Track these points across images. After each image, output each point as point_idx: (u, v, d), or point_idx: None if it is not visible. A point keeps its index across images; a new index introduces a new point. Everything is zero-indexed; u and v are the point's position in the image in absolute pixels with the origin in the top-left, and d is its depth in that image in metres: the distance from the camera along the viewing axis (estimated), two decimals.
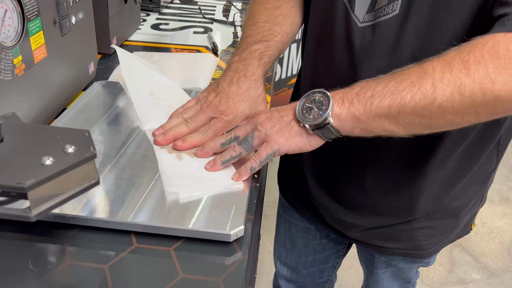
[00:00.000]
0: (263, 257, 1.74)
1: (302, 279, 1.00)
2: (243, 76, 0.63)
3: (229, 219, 0.49)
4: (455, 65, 0.46)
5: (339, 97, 0.52)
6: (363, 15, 0.58)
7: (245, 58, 0.65)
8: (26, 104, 0.59)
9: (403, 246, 0.75)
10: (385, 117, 0.49)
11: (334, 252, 0.95)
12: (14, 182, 0.33)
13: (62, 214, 0.47)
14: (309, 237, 0.92)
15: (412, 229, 0.72)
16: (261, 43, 0.67)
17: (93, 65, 0.80)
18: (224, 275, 0.44)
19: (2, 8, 0.52)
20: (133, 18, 1.08)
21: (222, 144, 0.58)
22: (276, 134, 0.54)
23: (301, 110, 0.54)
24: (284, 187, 0.91)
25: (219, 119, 0.61)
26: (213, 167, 0.56)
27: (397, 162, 0.66)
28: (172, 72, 0.86)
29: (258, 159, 0.54)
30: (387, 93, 0.48)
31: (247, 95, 0.62)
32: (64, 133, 0.40)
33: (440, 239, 0.75)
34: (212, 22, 1.25)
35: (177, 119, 0.62)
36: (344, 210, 0.74)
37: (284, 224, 0.95)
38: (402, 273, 0.87)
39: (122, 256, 0.45)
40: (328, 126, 0.51)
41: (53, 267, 0.43)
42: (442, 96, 0.46)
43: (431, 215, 0.71)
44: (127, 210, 0.48)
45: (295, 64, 2.57)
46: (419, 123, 0.48)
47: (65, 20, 0.66)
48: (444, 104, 0.46)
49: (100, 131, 0.63)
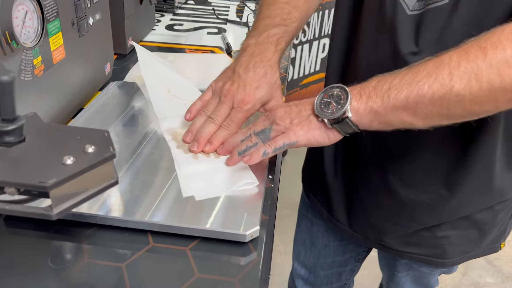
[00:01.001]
0: (275, 257, 1.74)
1: (319, 280, 0.99)
2: (260, 61, 0.62)
3: (244, 219, 0.49)
4: (472, 52, 0.46)
5: (356, 91, 0.52)
6: (413, 3, 0.57)
7: (262, 42, 0.64)
8: (45, 104, 0.60)
9: (425, 252, 0.74)
10: (403, 109, 0.49)
11: (354, 255, 0.94)
12: (36, 181, 0.34)
13: (80, 212, 0.48)
14: (330, 237, 0.91)
15: (435, 237, 0.71)
16: (279, 27, 0.65)
17: (109, 65, 0.81)
18: (240, 275, 0.44)
19: (23, 9, 0.53)
20: (148, 19, 1.09)
21: (241, 140, 0.58)
22: (296, 127, 0.54)
23: (319, 104, 0.54)
24: (307, 186, 0.90)
25: (238, 109, 0.61)
26: (231, 161, 0.57)
27: (425, 167, 0.65)
28: (186, 73, 0.86)
29: (274, 145, 0.54)
30: (404, 85, 0.49)
31: (264, 81, 0.62)
32: (84, 133, 0.40)
33: (463, 250, 0.74)
34: (226, 22, 1.25)
35: (201, 118, 0.62)
36: (364, 213, 0.73)
37: (305, 223, 0.95)
38: (424, 278, 0.86)
39: (139, 255, 0.46)
40: (346, 120, 0.51)
41: (71, 265, 0.44)
42: (459, 84, 0.46)
43: (455, 223, 0.70)
44: (144, 209, 0.49)
45: (307, 64, 2.56)
46: (437, 113, 0.48)
47: (83, 21, 0.67)
48: (462, 92, 0.46)
49: (116, 131, 0.63)
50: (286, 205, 1.99)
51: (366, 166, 0.70)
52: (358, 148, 0.70)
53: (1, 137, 0.36)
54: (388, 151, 0.67)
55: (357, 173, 0.72)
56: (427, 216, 0.69)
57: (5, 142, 0.37)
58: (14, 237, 0.47)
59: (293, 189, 2.09)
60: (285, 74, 0.95)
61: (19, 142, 0.37)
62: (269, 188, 0.57)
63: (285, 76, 0.94)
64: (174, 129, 0.65)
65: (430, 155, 0.64)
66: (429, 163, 0.65)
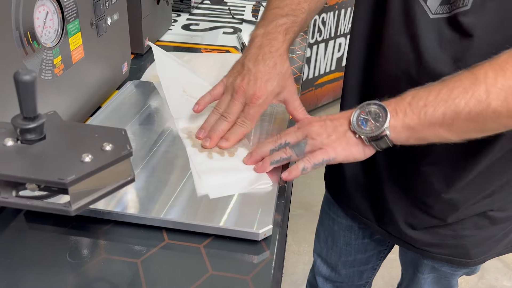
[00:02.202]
0: (288, 256, 1.74)
1: (341, 279, 0.99)
2: (268, 53, 0.62)
3: (257, 218, 0.49)
4: (508, 69, 0.46)
5: (392, 108, 0.52)
6: (435, 6, 0.57)
7: (270, 32, 0.63)
8: (64, 103, 0.61)
9: (448, 252, 0.73)
10: (439, 125, 0.49)
11: (376, 253, 0.94)
12: (56, 178, 0.35)
13: (97, 209, 0.49)
14: (351, 236, 0.91)
15: (457, 236, 0.71)
16: (288, 17, 0.65)
17: (127, 65, 0.83)
18: (253, 273, 0.45)
19: (44, 10, 0.54)
20: (164, 18, 1.10)
21: (271, 150, 0.58)
22: (334, 143, 0.54)
23: (356, 121, 0.54)
24: (330, 183, 0.90)
25: (251, 105, 0.61)
26: (261, 167, 0.57)
27: (449, 162, 0.65)
28: (202, 72, 0.87)
29: (313, 161, 0.54)
30: (440, 102, 0.49)
31: (275, 73, 0.61)
32: (102, 131, 0.41)
33: (485, 249, 0.73)
34: (242, 22, 1.26)
35: (215, 116, 0.63)
36: (390, 209, 0.73)
37: (328, 221, 0.95)
38: (445, 280, 0.85)
39: (154, 251, 0.47)
40: (384, 138, 0.52)
41: (88, 260, 0.45)
42: (496, 100, 0.46)
43: (477, 222, 0.69)
44: (159, 206, 0.50)
45: (322, 64, 2.56)
46: (473, 128, 0.49)
47: (101, 22, 0.68)
48: (499, 108, 0.46)
49: (133, 130, 0.65)
50: (300, 205, 1.99)
51: (392, 161, 0.70)
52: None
53: (23, 134, 0.38)
54: (417, 149, 0.66)
55: (381, 169, 0.72)
56: (451, 212, 0.69)
57: (26, 139, 0.38)
58: (34, 232, 0.48)
59: (307, 190, 2.09)
60: (299, 73, 0.95)
61: (39, 140, 0.39)
62: (282, 187, 0.57)
63: (299, 76, 0.94)
64: (189, 128, 0.65)
65: (457, 152, 0.63)
66: (457, 159, 0.64)
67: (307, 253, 1.78)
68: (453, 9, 0.56)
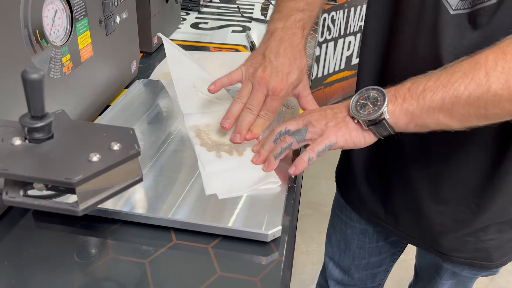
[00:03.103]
0: (297, 257, 1.73)
1: (354, 282, 0.98)
2: (289, 47, 0.63)
3: (266, 219, 0.49)
4: (509, 51, 0.45)
5: (391, 94, 0.52)
6: (456, 2, 0.56)
7: (289, 27, 0.65)
8: (73, 102, 0.61)
9: (469, 255, 0.72)
10: (439, 110, 0.49)
11: (389, 255, 0.92)
12: (63, 178, 0.34)
13: (105, 208, 0.48)
14: (365, 239, 0.89)
15: (479, 240, 0.69)
16: (304, 12, 0.66)
17: (135, 63, 0.82)
18: (261, 274, 0.44)
19: (52, 9, 0.54)
20: (173, 17, 1.10)
21: (274, 141, 0.58)
22: (333, 128, 0.54)
23: (355, 106, 0.54)
24: (341, 186, 0.89)
25: (273, 97, 0.62)
26: (268, 167, 0.57)
27: (468, 166, 0.64)
28: (211, 71, 0.87)
29: (316, 149, 0.54)
30: (439, 86, 0.48)
31: (295, 66, 0.63)
32: (109, 130, 0.41)
33: (506, 252, 0.72)
34: (251, 20, 1.25)
35: (238, 105, 0.63)
36: (406, 213, 0.72)
37: (340, 225, 0.93)
38: (463, 283, 0.83)
39: (162, 251, 0.46)
40: (383, 122, 0.51)
41: (96, 259, 0.45)
42: (497, 83, 0.45)
43: (500, 226, 0.68)
44: (167, 206, 0.49)
45: (332, 62, 2.54)
46: (474, 114, 0.48)
47: (110, 20, 0.68)
48: (500, 91, 0.45)
49: (141, 129, 0.64)
50: (308, 204, 1.98)
51: (404, 164, 0.69)
52: (395, 147, 0.68)
53: (31, 133, 0.37)
54: (430, 149, 0.65)
55: (394, 172, 0.71)
56: (471, 217, 0.67)
57: (34, 138, 0.38)
58: (42, 231, 0.48)
59: (315, 189, 2.08)
60: (309, 72, 0.94)
61: (47, 139, 0.38)
62: (291, 187, 0.57)
63: (309, 74, 0.93)
64: (198, 126, 0.65)
65: (473, 153, 0.62)
66: (473, 161, 0.63)
67: (316, 253, 1.77)
68: (476, 4, 0.54)
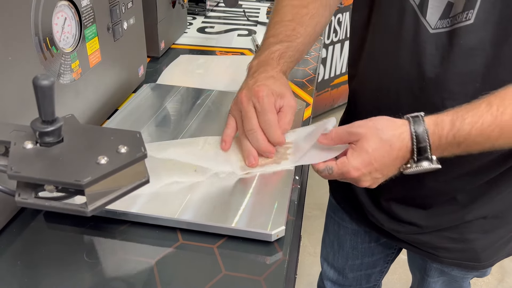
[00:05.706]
0: (304, 258, 1.74)
1: (349, 282, 0.99)
2: (264, 72, 0.62)
3: (270, 219, 0.50)
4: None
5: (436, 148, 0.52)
6: (435, 21, 0.57)
7: (263, 60, 0.64)
8: (82, 106, 0.63)
9: (456, 256, 0.73)
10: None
11: (383, 257, 0.94)
12: (73, 180, 0.36)
13: (113, 210, 0.50)
14: (357, 240, 0.91)
15: (465, 239, 0.70)
16: (282, 43, 0.65)
17: (143, 68, 0.84)
18: (266, 274, 0.45)
19: (62, 16, 0.56)
20: (180, 22, 1.11)
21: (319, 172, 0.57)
22: (366, 183, 0.55)
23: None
24: (334, 188, 0.90)
25: (259, 100, 0.58)
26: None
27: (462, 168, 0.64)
28: (217, 75, 0.88)
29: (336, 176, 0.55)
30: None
31: (271, 79, 0.61)
32: (117, 134, 0.42)
33: (494, 251, 0.72)
34: (256, 24, 1.27)
35: (245, 139, 0.60)
36: (394, 210, 0.73)
37: (333, 226, 0.95)
38: (455, 283, 0.84)
39: (169, 251, 0.47)
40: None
41: (105, 259, 0.46)
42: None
43: (483, 225, 0.69)
44: (173, 207, 0.51)
45: (338, 64, 2.54)
46: None
47: (118, 26, 0.70)
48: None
49: (149, 132, 0.66)
50: (316, 206, 1.98)
51: None
52: None
53: (42, 137, 0.39)
54: None
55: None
56: (456, 214, 0.68)
57: (45, 142, 0.39)
58: (52, 231, 0.49)
59: (323, 190, 2.08)
60: (314, 75, 0.95)
61: (57, 142, 0.40)
62: (295, 188, 0.57)
63: (314, 77, 0.94)
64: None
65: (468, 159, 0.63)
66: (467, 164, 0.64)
67: None
68: (454, 23, 0.55)
